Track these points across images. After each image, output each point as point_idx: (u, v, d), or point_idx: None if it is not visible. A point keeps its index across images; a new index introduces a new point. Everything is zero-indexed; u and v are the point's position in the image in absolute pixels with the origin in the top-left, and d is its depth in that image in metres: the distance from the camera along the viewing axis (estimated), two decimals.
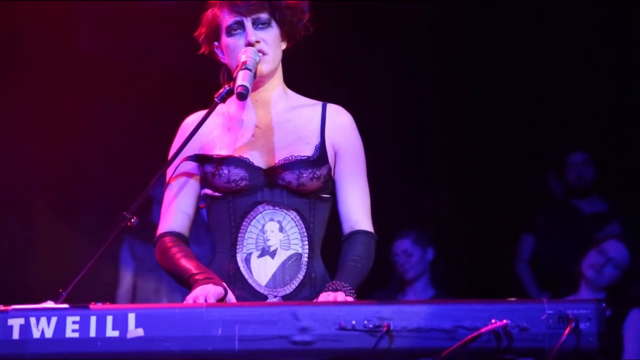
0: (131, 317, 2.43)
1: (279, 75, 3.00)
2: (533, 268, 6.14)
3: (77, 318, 2.43)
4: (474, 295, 2.63)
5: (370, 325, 2.40)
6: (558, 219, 6.13)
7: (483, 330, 2.37)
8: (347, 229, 2.95)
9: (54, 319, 2.43)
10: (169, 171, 2.97)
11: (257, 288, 2.86)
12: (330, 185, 2.96)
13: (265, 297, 2.85)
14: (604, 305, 2.42)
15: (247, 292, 2.84)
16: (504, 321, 2.38)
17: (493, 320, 2.38)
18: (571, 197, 6.16)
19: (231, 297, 2.77)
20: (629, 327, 4.98)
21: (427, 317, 2.39)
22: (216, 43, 2.99)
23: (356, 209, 2.95)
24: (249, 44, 2.89)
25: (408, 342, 2.39)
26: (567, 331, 2.37)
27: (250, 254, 2.88)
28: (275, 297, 2.85)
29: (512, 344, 2.39)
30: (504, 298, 2.46)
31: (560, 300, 2.46)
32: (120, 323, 2.42)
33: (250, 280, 2.86)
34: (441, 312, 2.40)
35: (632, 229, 5.83)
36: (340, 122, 3.00)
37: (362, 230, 2.93)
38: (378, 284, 5.79)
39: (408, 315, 2.40)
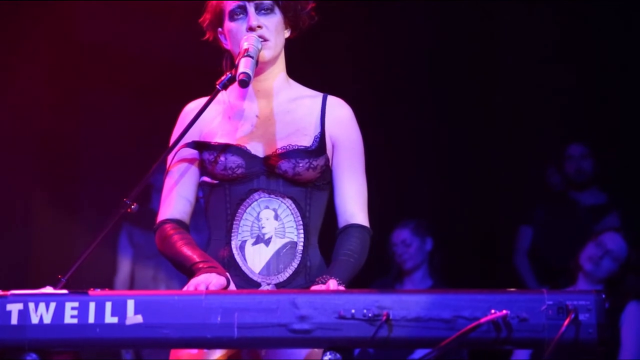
0: (130, 304, 2.42)
1: (281, 64, 2.99)
2: (531, 260, 6.14)
3: (76, 304, 2.43)
4: (472, 286, 2.63)
5: (370, 314, 2.39)
6: (556, 211, 6.13)
7: (482, 320, 2.37)
8: (342, 222, 2.94)
9: (52, 305, 2.42)
10: (169, 158, 2.96)
11: (251, 275, 2.85)
12: (327, 176, 2.95)
13: (258, 285, 2.85)
14: (603, 296, 2.42)
15: (240, 279, 2.83)
16: (504, 311, 2.38)
17: (493, 311, 2.38)
18: (570, 189, 6.16)
19: (232, 288, 2.77)
20: (626, 319, 4.98)
21: (426, 307, 2.39)
22: (220, 29, 2.99)
23: (352, 202, 2.94)
24: (251, 29, 2.88)
25: (407, 332, 2.39)
26: (566, 322, 2.37)
27: (245, 241, 2.87)
28: (268, 284, 2.85)
29: (512, 335, 2.38)
30: (504, 288, 2.46)
31: (560, 291, 2.45)
32: (119, 309, 2.42)
33: (244, 268, 2.86)
34: (441, 301, 2.40)
35: (631, 221, 5.83)
36: (340, 115, 2.99)
37: (357, 224, 2.92)
38: (376, 274, 5.79)
39: (408, 304, 2.39)
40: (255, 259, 2.86)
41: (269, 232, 2.88)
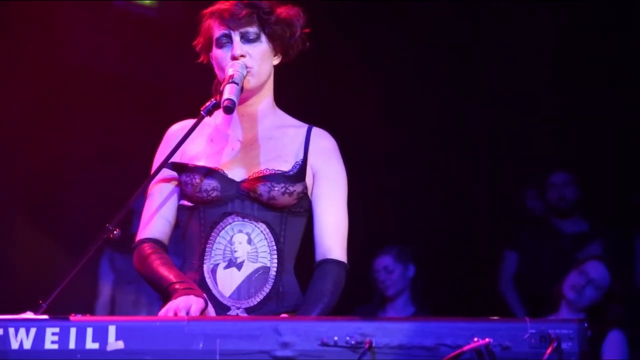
0: (111, 330, 2.40)
1: (267, 91, 3.00)
2: (516, 285, 6.14)
3: (57, 329, 2.40)
4: (455, 312, 2.62)
5: (353, 342, 2.38)
6: (539, 238, 6.14)
7: (465, 348, 2.37)
8: (319, 255, 2.92)
9: (33, 330, 2.40)
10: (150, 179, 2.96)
11: (221, 299, 2.84)
12: (305, 203, 2.94)
13: (228, 309, 2.84)
14: (586, 325, 2.42)
15: (211, 302, 2.81)
16: (487, 340, 2.37)
17: (475, 339, 2.38)
18: (552, 216, 6.18)
19: (211, 309, 2.76)
20: (608, 347, 4.98)
21: (409, 334, 2.38)
22: (211, 53, 3.00)
23: (330, 235, 2.91)
24: (234, 58, 2.89)
25: (390, 359, 2.38)
26: (549, 351, 2.37)
27: (217, 264, 2.86)
28: (238, 309, 2.84)
29: None
30: (487, 316, 2.45)
31: (542, 320, 2.45)
32: (100, 335, 2.40)
33: (214, 291, 2.85)
34: (424, 329, 2.39)
35: (613, 249, 5.85)
36: (323, 146, 2.99)
37: (334, 260, 2.89)
38: (359, 301, 5.78)
39: (390, 332, 2.39)
40: (226, 283, 2.85)
41: (241, 256, 2.86)
